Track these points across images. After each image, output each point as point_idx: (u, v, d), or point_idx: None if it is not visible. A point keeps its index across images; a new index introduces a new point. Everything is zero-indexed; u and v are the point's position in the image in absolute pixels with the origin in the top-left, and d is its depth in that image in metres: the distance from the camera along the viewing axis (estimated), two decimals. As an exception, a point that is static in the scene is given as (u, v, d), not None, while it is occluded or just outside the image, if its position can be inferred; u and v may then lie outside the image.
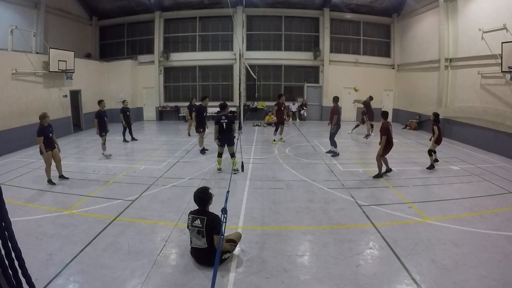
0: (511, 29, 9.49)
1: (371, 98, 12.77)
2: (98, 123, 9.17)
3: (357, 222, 5.05)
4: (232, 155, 7.60)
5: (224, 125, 7.34)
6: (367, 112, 12.52)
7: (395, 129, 15.12)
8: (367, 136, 12.12)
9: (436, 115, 8.17)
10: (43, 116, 6.89)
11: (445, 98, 12.84)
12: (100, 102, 9.47)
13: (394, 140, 6.81)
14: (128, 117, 11.44)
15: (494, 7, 10.23)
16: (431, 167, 7.99)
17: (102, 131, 9.20)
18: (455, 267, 3.76)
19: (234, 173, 7.26)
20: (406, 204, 5.74)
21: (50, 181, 6.86)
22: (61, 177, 7.15)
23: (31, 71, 11.04)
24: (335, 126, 9.18)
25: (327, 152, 9.63)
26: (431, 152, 8.07)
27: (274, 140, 11.19)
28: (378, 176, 7.24)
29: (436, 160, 8.21)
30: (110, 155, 9.19)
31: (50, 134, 6.92)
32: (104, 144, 9.30)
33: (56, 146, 7.10)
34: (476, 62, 11.06)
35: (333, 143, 9.32)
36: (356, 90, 16.98)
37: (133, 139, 11.73)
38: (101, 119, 9.19)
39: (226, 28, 17.33)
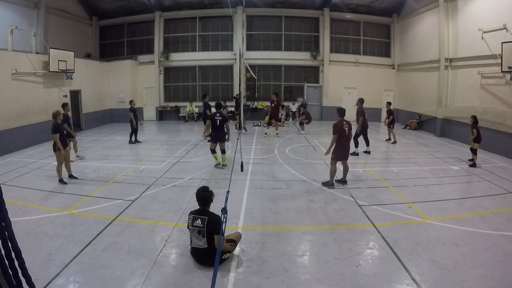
0: (511, 29, 9.49)
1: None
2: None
3: (357, 222, 5.04)
4: (223, 151, 7.98)
5: (218, 122, 7.75)
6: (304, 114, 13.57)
7: (395, 129, 15.12)
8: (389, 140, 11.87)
9: (475, 117, 8.43)
10: (57, 114, 6.90)
11: (445, 98, 12.83)
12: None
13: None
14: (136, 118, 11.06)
15: (494, 7, 10.22)
16: (474, 165, 8.27)
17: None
18: (455, 267, 3.76)
19: (222, 168, 7.91)
20: (406, 204, 5.74)
21: (61, 181, 6.85)
22: (71, 176, 7.19)
23: (31, 71, 11.03)
24: (360, 127, 9.63)
25: (364, 152, 9.72)
26: (475, 151, 8.37)
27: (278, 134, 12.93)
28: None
29: (472, 160, 8.62)
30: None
31: (64, 132, 7.21)
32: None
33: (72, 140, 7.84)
34: (476, 62, 11.05)
35: (356, 143, 9.52)
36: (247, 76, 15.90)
37: (136, 141, 11.44)
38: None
39: (226, 28, 17.34)
